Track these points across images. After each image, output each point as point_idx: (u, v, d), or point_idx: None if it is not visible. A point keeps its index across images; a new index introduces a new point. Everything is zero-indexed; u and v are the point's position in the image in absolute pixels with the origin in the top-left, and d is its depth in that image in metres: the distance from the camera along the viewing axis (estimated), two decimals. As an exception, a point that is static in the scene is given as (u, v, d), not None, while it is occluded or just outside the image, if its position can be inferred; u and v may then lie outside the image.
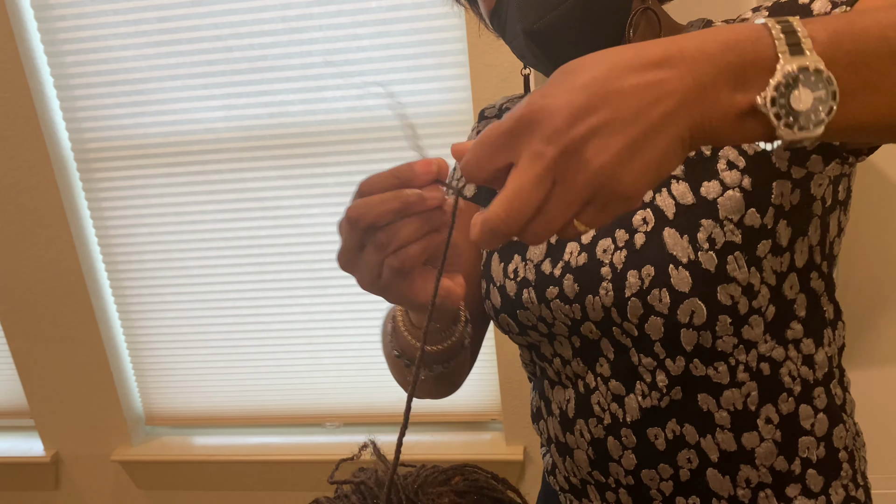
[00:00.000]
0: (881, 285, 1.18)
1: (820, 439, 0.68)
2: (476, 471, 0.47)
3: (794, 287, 0.65)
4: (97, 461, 2.00)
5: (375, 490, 0.43)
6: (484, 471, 0.48)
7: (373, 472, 0.47)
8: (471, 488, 0.45)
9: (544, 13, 0.64)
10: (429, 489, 0.44)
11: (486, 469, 0.48)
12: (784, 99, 0.39)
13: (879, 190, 1.12)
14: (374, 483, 0.44)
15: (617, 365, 0.68)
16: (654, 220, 0.63)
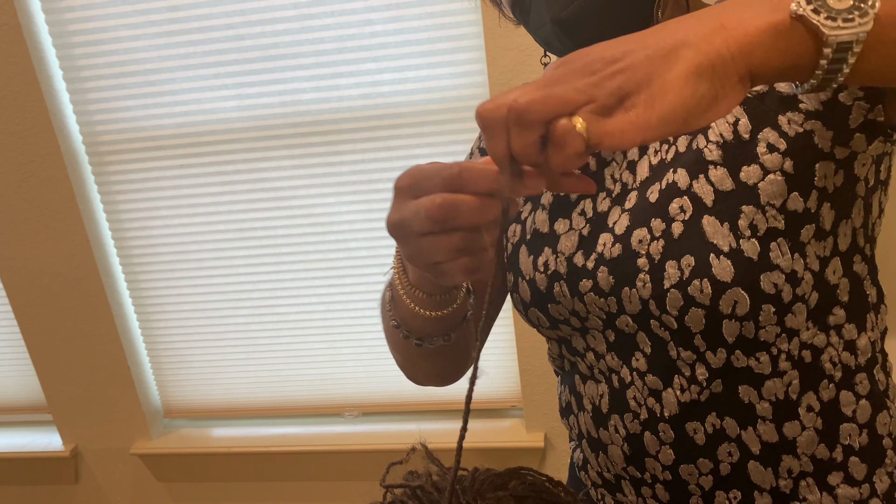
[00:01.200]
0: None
1: (862, 426, 0.66)
2: (531, 473, 0.46)
3: (838, 272, 0.63)
4: (116, 455, 2.00)
5: (435, 495, 0.42)
6: (538, 473, 0.46)
7: (427, 475, 0.45)
8: (529, 492, 0.44)
9: (571, 0, 0.62)
10: (487, 494, 0.43)
11: (540, 472, 0.46)
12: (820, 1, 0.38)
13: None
14: (431, 487, 0.43)
15: (654, 359, 0.66)
16: (691, 208, 0.61)
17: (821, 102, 0.58)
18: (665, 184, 0.63)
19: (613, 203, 0.67)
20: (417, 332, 0.66)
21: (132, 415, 1.94)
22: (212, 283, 1.80)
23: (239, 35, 1.57)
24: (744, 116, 0.61)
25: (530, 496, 0.44)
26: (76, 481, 2.07)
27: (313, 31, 1.55)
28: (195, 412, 1.98)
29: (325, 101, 1.60)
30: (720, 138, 0.61)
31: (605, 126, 0.39)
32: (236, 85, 1.61)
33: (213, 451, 1.93)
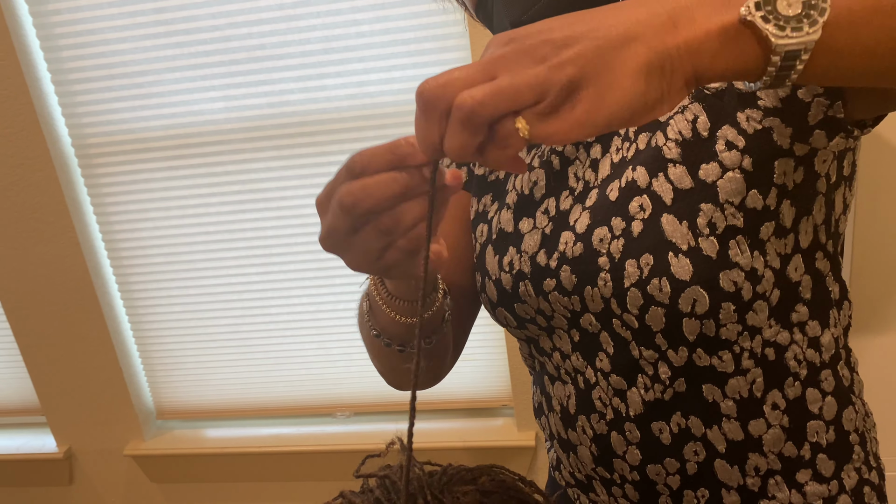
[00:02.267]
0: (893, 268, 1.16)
1: (829, 423, 0.66)
2: (503, 472, 0.47)
3: (799, 269, 0.62)
4: (110, 456, 2.00)
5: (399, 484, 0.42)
6: (511, 472, 0.47)
7: (399, 467, 0.46)
8: (497, 489, 0.45)
9: (530, 5, 0.62)
10: (454, 487, 0.44)
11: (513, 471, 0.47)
12: (770, 5, 0.37)
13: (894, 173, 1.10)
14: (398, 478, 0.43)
15: (617, 359, 0.66)
16: (651, 207, 0.60)
17: (780, 99, 0.57)
18: (624, 181, 0.62)
19: (576, 201, 0.67)
20: (399, 339, 0.66)
21: (125, 416, 1.94)
22: (202, 285, 1.81)
23: (226, 36, 1.57)
24: (702, 114, 0.60)
25: (497, 492, 0.44)
26: (70, 483, 2.07)
27: (299, 32, 1.55)
28: (188, 413, 1.98)
29: (312, 101, 1.60)
30: (679, 136, 0.61)
31: (550, 127, 0.38)
32: (224, 86, 1.61)
33: (207, 451, 1.94)
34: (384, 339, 0.67)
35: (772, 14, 0.37)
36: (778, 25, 0.37)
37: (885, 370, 1.21)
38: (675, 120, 0.62)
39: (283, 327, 1.82)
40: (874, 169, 1.08)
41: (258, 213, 1.71)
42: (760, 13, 0.37)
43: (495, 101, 0.38)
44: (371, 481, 0.47)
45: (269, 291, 1.79)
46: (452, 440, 1.80)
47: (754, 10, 0.37)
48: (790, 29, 0.37)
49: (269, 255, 1.75)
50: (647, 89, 0.38)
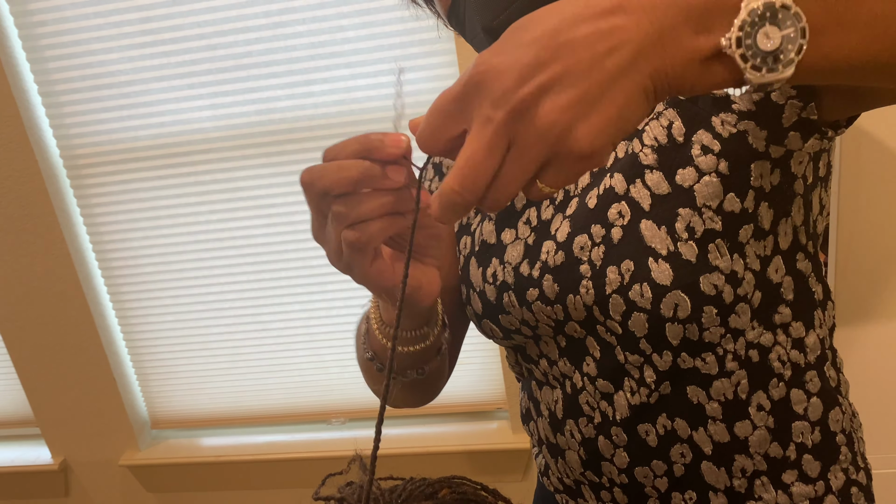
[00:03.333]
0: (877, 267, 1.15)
1: (815, 423, 0.66)
2: (465, 482, 0.46)
3: (780, 270, 0.63)
4: (105, 467, 2.00)
5: (358, 508, 0.42)
6: (473, 483, 0.46)
7: (357, 486, 0.45)
8: (458, 500, 0.44)
9: (501, 9, 0.62)
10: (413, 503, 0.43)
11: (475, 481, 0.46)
12: (750, 39, 0.36)
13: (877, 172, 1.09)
14: (356, 499, 0.43)
15: (604, 363, 0.66)
16: (630, 213, 0.60)
17: (754, 102, 0.58)
18: (602, 189, 0.63)
19: (556, 210, 0.67)
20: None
21: (120, 426, 1.94)
22: (194, 293, 1.80)
23: (212, 45, 1.57)
24: (677, 119, 0.60)
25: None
26: (66, 494, 2.07)
27: (286, 39, 1.55)
28: (182, 422, 1.98)
29: (299, 108, 1.60)
30: (655, 142, 0.61)
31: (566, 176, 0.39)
32: (211, 94, 1.61)
33: (202, 460, 1.93)
34: (377, 364, 0.66)
35: (750, 50, 0.36)
36: (754, 65, 0.37)
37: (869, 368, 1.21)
38: (651, 126, 0.62)
39: (275, 334, 1.82)
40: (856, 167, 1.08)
41: (248, 220, 1.71)
42: (740, 51, 0.36)
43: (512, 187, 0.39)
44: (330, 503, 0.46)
45: (261, 299, 1.79)
46: (448, 444, 1.79)
47: (735, 47, 0.36)
48: (766, 69, 0.37)
49: (261, 262, 1.75)
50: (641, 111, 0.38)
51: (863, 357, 1.19)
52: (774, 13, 0.36)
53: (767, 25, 0.36)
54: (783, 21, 0.36)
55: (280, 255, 1.74)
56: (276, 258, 1.74)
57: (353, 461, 0.49)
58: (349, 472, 0.49)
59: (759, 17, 0.36)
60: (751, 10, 0.36)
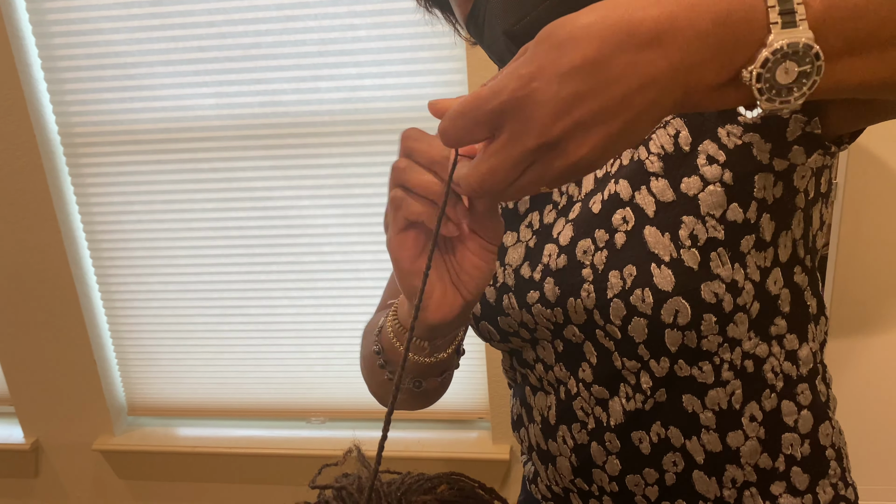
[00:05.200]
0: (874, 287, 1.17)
1: (804, 436, 0.67)
2: (462, 479, 0.46)
3: (779, 282, 0.63)
4: (78, 450, 1.97)
5: (357, 496, 0.41)
6: (471, 480, 0.46)
7: (356, 477, 0.45)
8: (456, 497, 0.44)
9: (524, 14, 0.63)
10: (412, 497, 0.43)
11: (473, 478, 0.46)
12: (770, 74, 0.38)
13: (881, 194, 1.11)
14: (356, 489, 0.43)
15: (600, 369, 0.66)
16: (634, 219, 0.61)
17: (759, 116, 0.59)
18: (607, 194, 0.63)
19: (559, 215, 0.67)
20: (393, 365, 0.65)
21: (96, 410, 1.92)
22: (183, 281, 1.79)
23: (221, 33, 1.57)
24: (684, 129, 0.61)
25: (456, 501, 0.43)
26: (36, 475, 2.04)
27: (296, 33, 1.55)
28: (160, 410, 1.96)
29: (304, 103, 1.59)
30: (661, 150, 0.62)
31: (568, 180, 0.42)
32: (216, 83, 1.60)
33: (177, 449, 1.91)
34: (381, 360, 0.66)
35: (768, 84, 0.38)
36: (769, 98, 0.39)
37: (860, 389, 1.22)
38: (658, 134, 0.62)
39: (261, 329, 1.81)
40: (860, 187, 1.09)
41: (243, 212, 1.70)
42: (758, 85, 0.38)
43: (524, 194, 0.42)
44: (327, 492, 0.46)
45: (249, 292, 1.77)
46: (426, 450, 1.79)
47: (754, 82, 0.38)
48: (779, 101, 0.39)
49: (252, 255, 1.74)
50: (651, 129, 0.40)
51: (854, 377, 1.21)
52: (797, 51, 0.37)
53: (787, 62, 0.38)
54: (803, 58, 0.38)
55: (272, 250, 1.73)
56: (268, 252, 1.73)
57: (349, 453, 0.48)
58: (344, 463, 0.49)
59: (781, 56, 0.37)
60: (775, 49, 0.37)
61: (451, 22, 0.78)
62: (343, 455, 0.50)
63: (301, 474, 1.90)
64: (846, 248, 1.12)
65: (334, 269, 1.73)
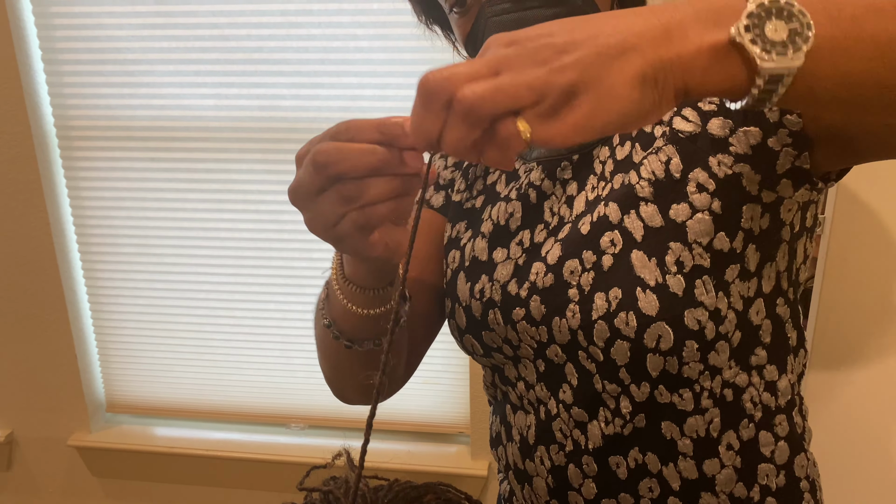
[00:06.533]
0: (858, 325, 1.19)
1: (780, 467, 0.67)
2: (450, 490, 0.46)
3: (761, 313, 0.64)
4: (53, 445, 1.95)
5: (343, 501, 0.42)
6: (458, 491, 0.47)
7: (343, 481, 0.45)
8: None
9: None
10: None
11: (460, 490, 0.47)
12: (758, 29, 0.39)
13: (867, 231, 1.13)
14: (342, 493, 0.43)
15: (580, 391, 0.66)
16: (622, 242, 0.62)
17: (750, 147, 0.60)
18: (596, 216, 0.64)
19: (549, 234, 0.68)
20: (348, 333, 0.66)
21: (73, 405, 1.90)
22: (170, 280, 1.78)
23: (224, 35, 1.57)
24: (676, 156, 0.62)
25: (443, 511, 0.44)
26: (8, 468, 2.01)
27: (299, 40, 1.56)
28: (139, 409, 1.94)
29: (303, 109, 1.60)
30: (652, 176, 0.63)
31: (550, 130, 0.39)
32: (216, 84, 1.61)
33: (153, 449, 1.89)
34: (334, 331, 0.66)
35: (759, 37, 0.39)
36: (764, 49, 0.39)
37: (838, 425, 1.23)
38: (649, 160, 0.63)
39: (246, 332, 1.80)
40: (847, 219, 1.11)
41: (235, 214, 1.70)
42: (749, 35, 0.39)
43: (496, 98, 0.38)
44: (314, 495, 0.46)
45: (236, 294, 1.77)
46: (404, 462, 1.78)
47: (744, 32, 0.39)
48: (775, 53, 0.39)
49: (241, 257, 1.74)
50: (642, 98, 0.39)
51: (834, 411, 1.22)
52: (780, 9, 0.39)
53: (774, 19, 0.39)
54: (789, 17, 0.39)
55: (262, 253, 1.73)
56: (257, 255, 1.73)
57: (338, 456, 0.49)
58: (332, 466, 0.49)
59: (765, 11, 0.39)
60: (758, 3, 0.39)
61: (451, 40, 0.79)
62: (332, 458, 0.50)
63: (279, 480, 1.89)
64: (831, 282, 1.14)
65: (323, 277, 1.73)
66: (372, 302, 0.62)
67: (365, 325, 0.64)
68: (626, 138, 0.66)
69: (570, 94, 0.39)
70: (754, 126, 0.59)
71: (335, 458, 0.49)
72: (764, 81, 0.40)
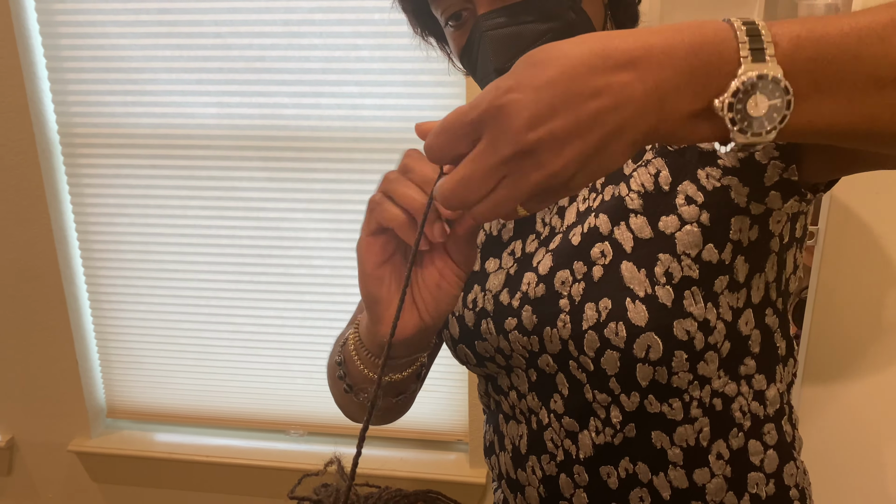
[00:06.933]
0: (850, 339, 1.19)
1: (769, 476, 0.68)
2: (439, 497, 0.47)
3: (750, 323, 0.65)
4: (53, 450, 1.96)
5: (335, 510, 0.42)
6: (447, 498, 0.47)
7: (334, 489, 0.46)
8: (432, 514, 0.45)
9: (517, 52, 0.64)
10: (388, 512, 0.44)
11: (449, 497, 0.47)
12: (741, 105, 0.40)
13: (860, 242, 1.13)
14: (332, 501, 0.44)
15: (571, 401, 0.67)
16: (612, 253, 0.63)
17: (738, 160, 0.61)
18: (587, 227, 0.65)
19: (540, 245, 0.69)
20: (358, 386, 0.66)
21: (74, 411, 1.91)
22: (171, 287, 1.79)
23: (226, 44, 1.59)
24: (665, 169, 0.63)
25: (431, 519, 0.44)
26: (8, 473, 2.02)
27: (300, 49, 1.57)
28: (139, 414, 1.95)
29: (304, 118, 1.61)
30: (642, 188, 0.64)
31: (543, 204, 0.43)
32: (218, 93, 1.62)
33: (153, 455, 1.90)
34: (340, 371, 0.67)
35: (739, 115, 0.40)
36: (741, 129, 0.40)
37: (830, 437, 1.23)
38: (639, 173, 0.64)
39: (246, 339, 1.81)
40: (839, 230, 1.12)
41: (237, 221, 1.71)
42: (730, 115, 0.40)
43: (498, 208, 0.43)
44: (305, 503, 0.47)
45: (237, 301, 1.78)
46: (402, 470, 1.79)
47: (725, 111, 0.40)
48: (751, 133, 0.40)
49: (242, 264, 1.75)
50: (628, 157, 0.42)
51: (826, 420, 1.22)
52: (766, 84, 0.39)
53: (758, 94, 0.39)
54: (773, 92, 0.40)
55: (262, 261, 1.74)
56: (258, 262, 1.74)
57: (330, 463, 0.49)
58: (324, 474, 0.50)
59: (751, 87, 0.39)
60: (745, 80, 0.39)
61: (446, 53, 0.80)
62: (324, 466, 0.51)
63: (277, 486, 1.89)
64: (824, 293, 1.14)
65: (323, 284, 1.74)
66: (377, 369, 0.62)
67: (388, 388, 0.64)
68: None
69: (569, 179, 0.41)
70: None
71: (327, 466, 0.49)
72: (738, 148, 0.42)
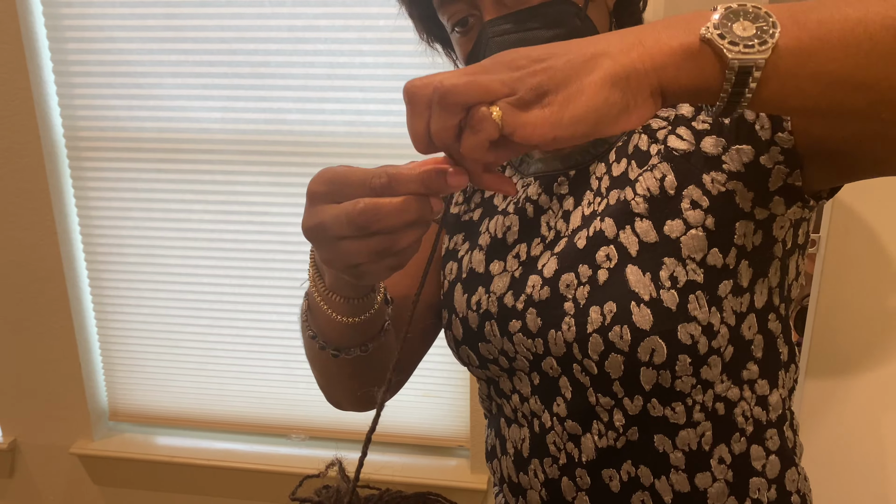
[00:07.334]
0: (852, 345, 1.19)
1: (771, 481, 0.68)
2: (439, 500, 0.47)
3: (753, 328, 0.65)
4: (55, 452, 1.96)
5: (336, 511, 0.43)
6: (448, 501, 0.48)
7: (335, 490, 0.46)
8: (432, 517, 0.45)
9: None
10: (389, 514, 0.44)
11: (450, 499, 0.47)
12: (727, 27, 0.42)
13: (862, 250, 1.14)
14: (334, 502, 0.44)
15: (574, 404, 0.67)
16: (617, 257, 0.63)
17: (743, 164, 0.61)
18: (592, 231, 0.65)
19: (546, 248, 0.69)
20: (334, 343, 0.67)
21: (77, 413, 1.91)
22: (175, 290, 1.80)
23: (231, 49, 1.60)
24: (670, 173, 0.64)
25: (432, 521, 0.45)
26: (10, 476, 2.02)
27: (305, 55, 1.58)
28: (141, 417, 1.95)
29: (308, 123, 1.62)
30: (647, 192, 0.64)
31: (520, 118, 0.42)
32: (223, 97, 1.63)
33: (155, 458, 1.90)
34: (319, 342, 0.67)
35: (728, 33, 0.43)
36: (732, 42, 0.42)
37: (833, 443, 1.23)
38: (644, 177, 0.65)
39: (249, 343, 1.81)
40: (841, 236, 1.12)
41: (240, 225, 1.72)
42: (718, 31, 0.43)
43: (468, 86, 0.43)
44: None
45: (240, 305, 1.78)
46: (405, 475, 1.79)
47: (713, 30, 0.43)
48: (743, 46, 0.42)
49: (246, 268, 1.75)
50: (611, 97, 0.42)
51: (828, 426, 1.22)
52: (748, 12, 0.43)
53: (742, 20, 0.43)
54: (755, 18, 0.43)
55: (266, 265, 1.74)
56: (261, 266, 1.74)
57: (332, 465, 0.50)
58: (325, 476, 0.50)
59: (734, 13, 0.43)
60: (726, 7, 0.43)
61: (452, 59, 0.80)
62: (325, 468, 0.51)
63: (278, 490, 1.89)
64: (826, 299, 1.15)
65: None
66: (356, 310, 0.63)
67: (350, 333, 0.65)
68: (622, 155, 0.68)
69: (541, 92, 0.42)
70: (747, 144, 0.61)
71: (328, 468, 0.50)
72: (734, 74, 0.42)
